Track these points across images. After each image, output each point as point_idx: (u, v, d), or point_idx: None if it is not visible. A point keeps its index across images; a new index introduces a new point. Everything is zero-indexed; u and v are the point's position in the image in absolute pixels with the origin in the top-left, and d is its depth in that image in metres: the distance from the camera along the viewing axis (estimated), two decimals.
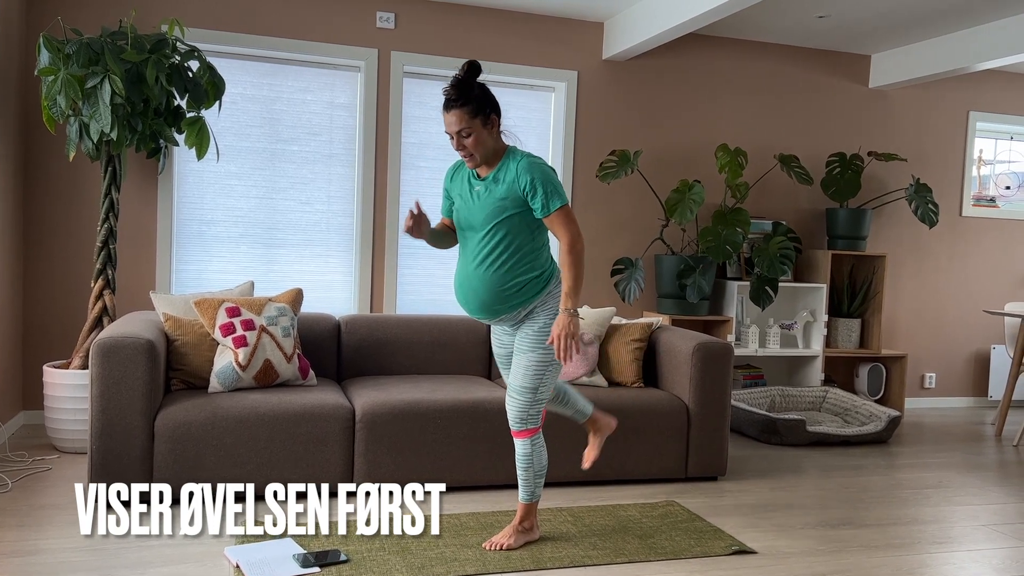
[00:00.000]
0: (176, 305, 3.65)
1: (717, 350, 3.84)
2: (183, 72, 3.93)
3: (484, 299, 2.78)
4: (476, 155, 2.71)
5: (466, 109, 2.65)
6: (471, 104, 2.66)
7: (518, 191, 2.70)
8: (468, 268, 2.81)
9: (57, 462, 3.74)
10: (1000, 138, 6.30)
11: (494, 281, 2.74)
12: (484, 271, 2.75)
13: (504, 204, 2.71)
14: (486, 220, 2.74)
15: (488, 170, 2.77)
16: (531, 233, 2.77)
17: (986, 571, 2.92)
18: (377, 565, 2.69)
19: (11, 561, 2.64)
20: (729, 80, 5.51)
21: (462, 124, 2.65)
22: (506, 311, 2.79)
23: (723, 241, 4.99)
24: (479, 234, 2.76)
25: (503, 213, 2.72)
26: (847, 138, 5.79)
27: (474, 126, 2.66)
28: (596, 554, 2.88)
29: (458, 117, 2.65)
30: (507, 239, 2.73)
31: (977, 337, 6.21)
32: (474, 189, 2.78)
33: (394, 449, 3.43)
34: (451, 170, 2.93)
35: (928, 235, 6.02)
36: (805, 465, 4.28)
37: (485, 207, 2.74)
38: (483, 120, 2.68)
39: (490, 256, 2.74)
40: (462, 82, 2.67)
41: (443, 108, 2.68)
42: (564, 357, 2.68)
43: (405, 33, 4.87)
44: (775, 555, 2.97)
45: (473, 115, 2.66)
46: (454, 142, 2.70)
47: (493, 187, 2.73)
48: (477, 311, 2.83)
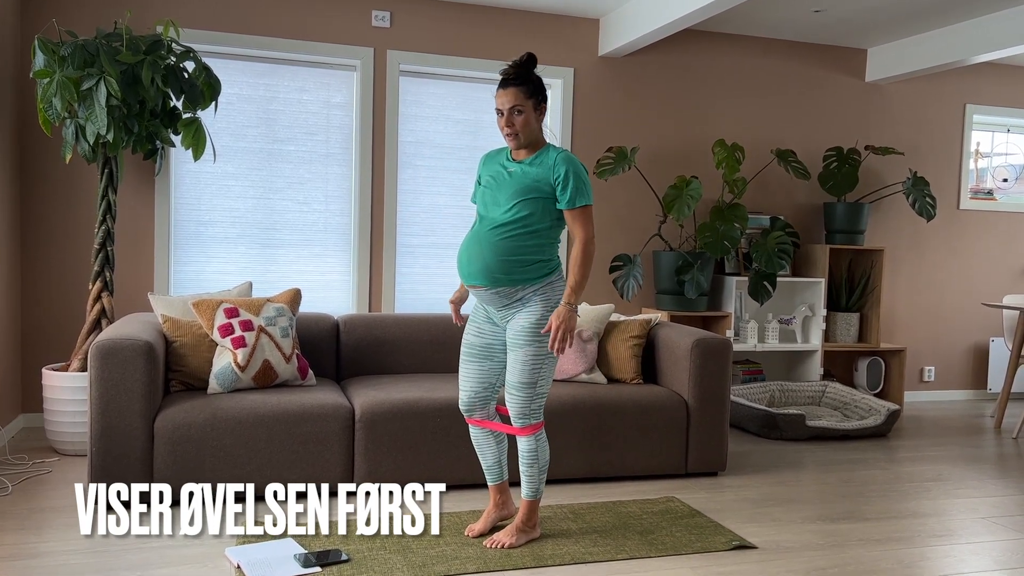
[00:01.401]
0: (174, 306, 3.65)
1: (716, 346, 3.84)
2: (179, 73, 3.93)
3: (489, 262, 2.78)
4: (521, 135, 2.80)
5: (523, 89, 2.77)
6: (528, 85, 2.78)
7: (550, 178, 2.78)
8: (480, 232, 2.83)
9: (57, 464, 3.74)
10: (997, 131, 6.30)
11: (503, 247, 2.77)
12: (497, 236, 2.78)
13: (535, 185, 2.78)
14: (514, 195, 2.79)
15: (526, 155, 2.85)
16: (550, 223, 2.83)
17: (986, 563, 2.92)
18: (378, 564, 2.69)
19: (11, 564, 2.64)
20: (726, 75, 5.51)
21: (517, 101, 2.76)
22: (505, 283, 2.78)
23: (721, 237, 4.99)
24: (502, 208, 2.80)
25: (531, 193, 2.78)
26: (844, 132, 5.79)
27: (527, 107, 2.77)
28: (597, 551, 2.89)
29: (515, 95, 2.76)
30: (528, 218, 2.78)
31: (976, 330, 6.22)
32: (508, 168, 2.86)
33: (394, 448, 3.43)
34: (486, 156, 3.02)
35: (926, 228, 6.02)
36: (805, 460, 4.28)
37: (516, 183, 2.80)
38: (535, 103, 2.80)
39: (507, 225, 2.78)
40: (522, 64, 2.80)
41: (499, 86, 2.80)
42: (557, 349, 2.70)
43: (401, 32, 4.87)
44: (776, 550, 2.97)
45: (528, 96, 2.77)
46: (503, 119, 2.79)
47: (528, 169, 2.82)
48: (478, 274, 2.80)
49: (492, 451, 3.01)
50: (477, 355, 2.93)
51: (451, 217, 5.06)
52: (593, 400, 3.70)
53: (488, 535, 2.97)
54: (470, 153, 5.07)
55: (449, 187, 5.06)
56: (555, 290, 2.83)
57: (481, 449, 3.02)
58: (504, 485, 3.06)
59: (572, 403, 3.66)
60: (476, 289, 2.85)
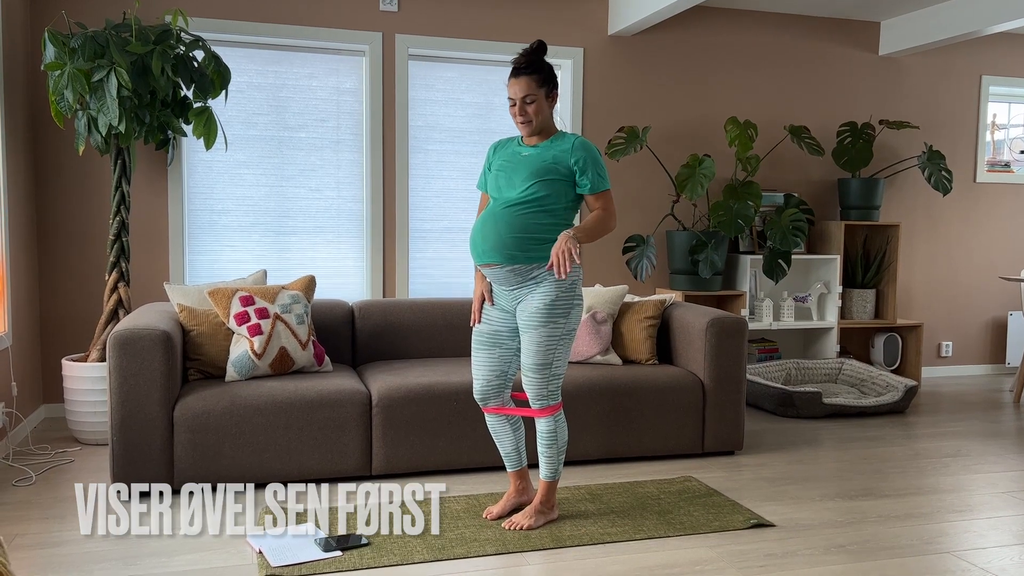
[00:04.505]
0: (190, 295, 3.67)
1: (731, 325, 3.83)
2: (188, 62, 3.93)
3: (504, 238, 2.78)
4: (534, 122, 2.81)
5: (534, 77, 2.79)
6: (540, 74, 2.80)
7: (568, 162, 2.80)
8: (495, 210, 2.83)
9: (79, 454, 3.79)
10: (1014, 102, 6.22)
11: (519, 224, 2.77)
12: (512, 214, 2.79)
13: (553, 167, 2.79)
14: (530, 175, 2.79)
15: (539, 140, 2.87)
16: (565, 205, 2.83)
17: (1007, 538, 2.91)
18: (398, 548, 2.71)
19: (37, 552, 2.68)
20: (737, 52, 5.46)
21: (529, 90, 2.78)
22: (521, 260, 2.77)
23: (735, 215, 4.96)
24: (518, 189, 2.80)
25: (548, 174, 2.79)
26: (858, 107, 5.73)
27: (539, 95, 2.80)
28: (615, 531, 2.90)
29: (526, 83, 2.78)
30: (545, 198, 2.79)
31: (993, 304, 6.16)
32: (523, 152, 2.87)
33: (411, 432, 3.45)
34: (496, 144, 3.02)
35: (942, 203, 5.96)
36: (822, 437, 4.27)
37: (532, 164, 2.81)
38: (547, 91, 2.82)
39: (523, 204, 2.79)
40: (532, 53, 2.81)
41: (511, 75, 2.82)
42: (560, 270, 2.65)
43: (409, 15, 4.84)
44: (794, 528, 2.98)
45: (540, 84, 2.80)
46: (516, 107, 2.81)
47: (544, 152, 2.83)
48: (492, 251, 2.80)
49: (509, 439, 3.02)
50: (486, 343, 2.93)
51: (463, 201, 5.06)
52: (608, 381, 3.71)
53: (507, 517, 2.99)
54: (481, 136, 5.05)
55: (460, 171, 5.05)
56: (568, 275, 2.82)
57: (499, 437, 3.03)
58: (524, 471, 3.07)
59: (588, 385, 3.67)
60: (490, 268, 2.84)
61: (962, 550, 2.80)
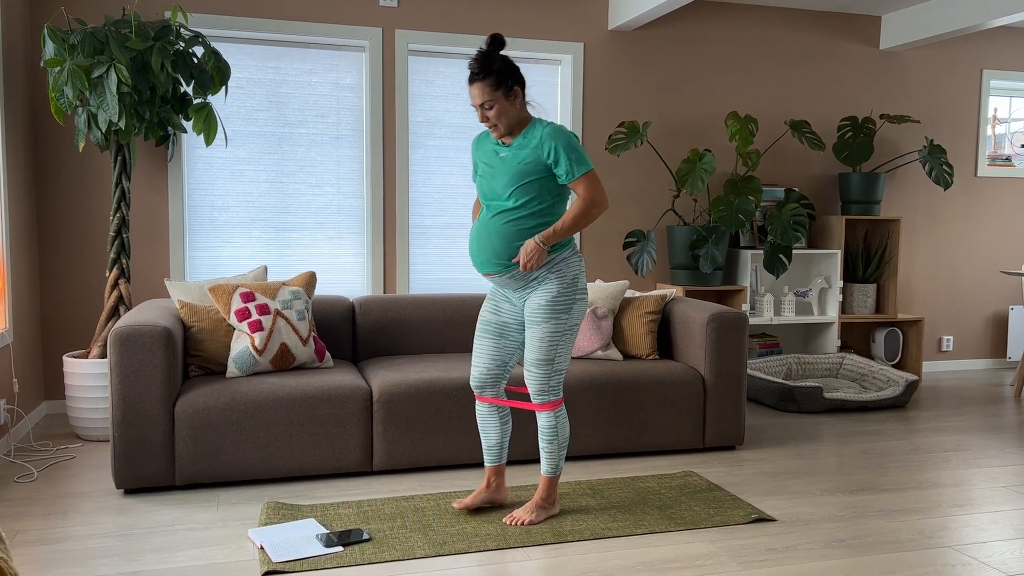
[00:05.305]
0: (191, 292, 3.67)
1: (732, 320, 3.83)
2: (188, 58, 3.93)
3: (498, 250, 2.79)
4: (500, 126, 2.78)
5: (488, 82, 2.73)
6: (492, 77, 2.73)
7: (542, 156, 2.76)
8: (486, 221, 2.84)
9: (80, 451, 3.79)
10: (1015, 96, 6.21)
11: (510, 233, 2.78)
12: (501, 223, 2.79)
13: (528, 167, 2.76)
14: (510, 182, 2.78)
15: (513, 139, 2.83)
16: (551, 201, 2.81)
17: (1008, 532, 2.92)
18: (399, 543, 2.72)
19: (39, 549, 2.68)
20: (737, 47, 5.45)
21: (484, 97, 2.74)
22: (516, 266, 2.80)
23: (735, 210, 4.96)
24: (502, 197, 2.80)
25: (526, 177, 2.76)
26: (858, 101, 5.72)
27: (496, 98, 2.74)
28: (616, 526, 2.90)
29: (481, 90, 2.73)
30: (529, 203, 2.77)
31: (994, 298, 6.16)
32: (499, 155, 2.84)
33: (412, 428, 3.45)
34: (476, 140, 2.99)
35: (943, 197, 5.96)
36: (823, 432, 4.27)
37: (509, 170, 2.78)
38: (505, 92, 2.75)
39: (510, 212, 2.78)
40: (485, 55, 2.75)
41: (468, 81, 2.80)
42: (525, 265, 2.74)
43: (408, 11, 4.84)
44: (795, 522, 2.98)
45: (495, 88, 2.73)
46: (479, 114, 2.78)
47: (518, 151, 2.80)
48: (489, 262, 2.82)
49: (496, 432, 3.02)
50: (492, 332, 2.93)
51: (463, 196, 5.06)
52: (609, 377, 3.71)
53: (508, 511, 2.99)
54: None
55: (461, 167, 5.04)
56: (569, 266, 2.83)
57: (485, 429, 3.02)
58: (502, 468, 3.06)
59: (588, 380, 3.67)
60: (490, 276, 2.88)
61: (963, 544, 2.80)
